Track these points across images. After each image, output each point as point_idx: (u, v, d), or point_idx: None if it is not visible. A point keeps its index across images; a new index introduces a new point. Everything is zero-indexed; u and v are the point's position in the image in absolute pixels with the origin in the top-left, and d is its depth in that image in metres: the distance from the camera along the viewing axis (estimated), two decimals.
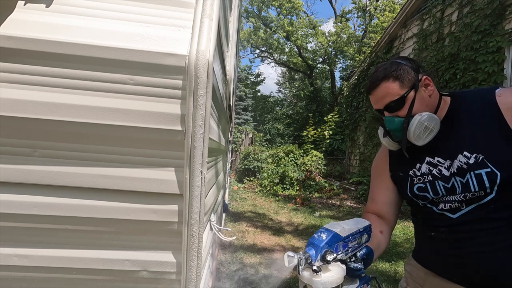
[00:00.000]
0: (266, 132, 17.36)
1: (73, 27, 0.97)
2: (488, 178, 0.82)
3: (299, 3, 17.62)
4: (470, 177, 0.85)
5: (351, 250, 0.80)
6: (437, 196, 0.93)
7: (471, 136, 0.87)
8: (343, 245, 0.77)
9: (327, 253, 0.71)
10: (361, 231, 0.83)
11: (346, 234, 0.77)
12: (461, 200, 0.88)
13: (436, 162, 0.93)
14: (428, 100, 0.92)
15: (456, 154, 0.88)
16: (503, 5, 4.66)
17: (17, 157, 0.99)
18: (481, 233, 0.85)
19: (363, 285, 0.83)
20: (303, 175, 8.73)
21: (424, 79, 0.92)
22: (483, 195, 0.84)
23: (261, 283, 2.89)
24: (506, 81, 4.62)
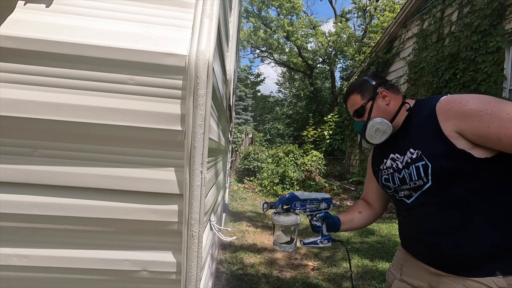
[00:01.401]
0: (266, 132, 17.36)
1: (74, 27, 0.97)
2: (423, 169, 1.01)
3: (299, 3, 17.62)
4: (412, 169, 1.04)
5: (309, 210, 1.22)
6: (395, 186, 1.13)
7: (415, 135, 1.06)
8: (300, 204, 1.20)
9: (285, 205, 1.18)
10: (319, 199, 1.23)
11: (303, 197, 1.20)
12: (410, 188, 1.07)
13: (395, 157, 1.12)
14: (385, 108, 1.12)
15: (406, 151, 1.07)
16: (503, 5, 4.66)
17: (17, 157, 0.99)
18: (425, 215, 1.04)
19: (324, 240, 1.22)
20: (303, 175, 8.73)
21: (381, 91, 1.13)
22: (422, 184, 1.02)
23: (261, 283, 2.89)
24: (506, 81, 4.62)
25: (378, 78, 1.18)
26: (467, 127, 0.93)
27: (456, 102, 0.97)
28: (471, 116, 0.92)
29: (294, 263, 3.47)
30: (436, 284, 1.03)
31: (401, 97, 1.15)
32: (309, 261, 3.53)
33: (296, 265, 3.40)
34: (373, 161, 1.28)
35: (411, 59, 6.93)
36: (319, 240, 1.22)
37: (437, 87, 5.83)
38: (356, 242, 4.19)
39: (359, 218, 1.29)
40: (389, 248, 3.93)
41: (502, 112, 0.89)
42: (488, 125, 0.90)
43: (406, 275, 1.15)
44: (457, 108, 0.95)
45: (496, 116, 0.89)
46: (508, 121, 0.88)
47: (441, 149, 0.97)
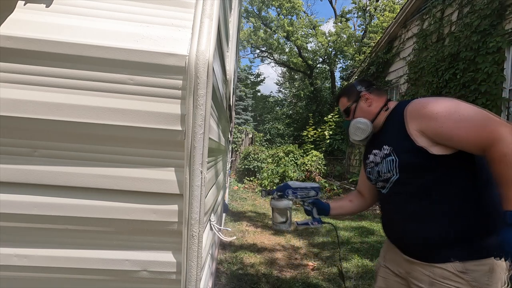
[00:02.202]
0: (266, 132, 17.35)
1: (74, 27, 0.97)
2: (392, 163, 1.15)
3: (299, 3, 17.60)
4: (384, 163, 1.18)
5: (300, 197, 1.44)
6: (375, 178, 1.27)
7: (389, 133, 1.20)
8: (292, 192, 1.42)
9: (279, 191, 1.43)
10: (308, 188, 1.46)
11: (295, 186, 1.43)
12: (383, 180, 1.21)
13: (376, 153, 1.25)
14: (367, 109, 1.27)
15: (381, 147, 1.21)
16: (503, 5, 4.66)
17: (17, 157, 0.99)
18: (394, 205, 1.20)
19: (314, 222, 1.44)
20: (303, 175, 8.73)
21: (364, 94, 1.28)
22: (390, 176, 1.17)
23: (260, 283, 2.89)
24: (506, 82, 4.62)
25: (364, 82, 1.32)
26: (425, 127, 1.06)
27: (419, 105, 1.11)
28: (429, 118, 1.05)
29: (294, 263, 3.47)
30: (410, 270, 1.16)
31: (384, 99, 1.28)
32: (309, 261, 3.53)
33: (296, 265, 3.40)
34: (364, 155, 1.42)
35: (411, 59, 6.93)
36: (310, 222, 1.45)
37: (437, 87, 5.83)
38: (356, 242, 4.19)
39: (349, 205, 1.48)
40: None
41: (454, 114, 1.01)
42: (441, 125, 1.02)
43: (388, 261, 1.30)
44: (419, 111, 1.10)
45: (449, 117, 1.02)
46: (458, 122, 1.00)
47: (405, 146, 1.11)
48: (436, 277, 1.06)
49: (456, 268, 1.03)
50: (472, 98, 5.00)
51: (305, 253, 3.77)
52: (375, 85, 1.33)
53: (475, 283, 1.02)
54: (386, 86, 8.16)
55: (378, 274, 1.34)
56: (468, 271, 1.02)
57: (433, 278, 1.07)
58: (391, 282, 1.27)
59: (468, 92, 5.09)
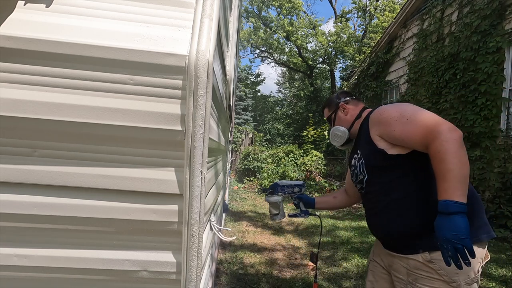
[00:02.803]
0: (266, 132, 17.35)
1: (74, 27, 0.96)
2: (361, 166, 1.29)
3: (299, 3, 17.61)
4: (359, 166, 1.31)
5: (288, 192, 1.68)
6: (355, 180, 1.39)
7: (361, 139, 1.32)
8: (280, 189, 1.67)
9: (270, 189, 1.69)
10: (293, 185, 1.70)
11: (282, 184, 1.68)
12: (359, 181, 1.34)
13: (355, 157, 1.36)
14: (344, 118, 1.43)
15: (357, 151, 1.34)
16: (503, 5, 4.66)
17: (17, 157, 0.99)
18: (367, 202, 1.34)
19: (302, 214, 1.69)
20: (303, 175, 8.73)
21: (341, 105, 1.44)
22: (362, 177, 1.30)
23: (260, 283, 2.89)
24: (505, 82, 4.62)
25: (343, 94, 1.48)
26: (382, 131, 1.19)
27: (378, 112, 1.23)
28: (384, 123, 1.18)
29: (294, 263, 3.47)
30: (391, 263, 1.27)
31: (360, 108, 1.42)
32: (309, 261, 3.52)
33: (296, 265, 3.40)
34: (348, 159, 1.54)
35: (411, 59, 6.93)
36: (298, 213, 1.69)
37: (437, 87, 5.83)
38: (356, 242, 4.19)
39: (332, 201, 1.69)
40: None
41: (403, 118, 1.12)
42: (394, 129, 1.14)
43: (376, 255, 1.41)
44: (377, 117, 1.22)
45: (399, 121, 1.13)
46: (406, 124, 1.10)
47: (368, 149, 1.25)
48: (411, 268, 1.16)
49: (424, 258, 1.12)
50: (472, 98, 5.01)
51: (305, 253, 3.77)
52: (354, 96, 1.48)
53: (442, 271, 1.09)
54: (386, 86, 8.16)
55: (369, 268, 1.46)
56: (435, 261, 1.10)
57: (409, 269, 1.17)
58: (379, 275, 1.38)
59: (468, 92, 5.09)
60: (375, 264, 1.40)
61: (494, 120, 4.73)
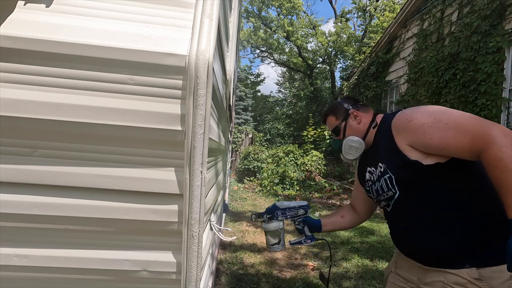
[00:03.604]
0: (266, 132, 17.34)
1: (73, 27, 0.96)
2: (389, 181, 1.12)
3: (299, 3, 17.60)
4: (382, 182, 1.15)
5: (290, 216, 1.43)
6: (375, 197, 1.24)
7: (380, 150, 1.17)
8: (281, 213, 1.41)
9: (268, 214, 1.41)
10: (297, 207, 1.44)
11: (283, 207, 1.42)
12: (385, 199, 1.18)
13: (372, 171, 1.23)
14: (357, 127, 1.25)
15: (376, 165, 1.19)
16: (503, 5, 4.66)
17: (17, 157, 0.99)
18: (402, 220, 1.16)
19: (307, 240, 1.42)
20: (303, 175, 8.73)
21: (352, 112, 1.26)
22: (392, 194, 1.13)
23: (260, 283, 2.89)
24: (505, 82, 4.62)
25: (350, 100, 1.31)
26: (414, 140, 1.04)
27: (404, 118, 1.08)
28: (416, 130, 1.03)
29: (294, 263, 3.47)
30: (424, 278, 1.12)
31: (371, 115, 1.26)
32: (309, 261, 3.53)
33: (296, 265, 3.40)
34: (358, 173, 1.39)
35: (411, 59, 6.93)
36: (303, 240, 1.43)
37: (437, 87, 5.83)
38: (356, 242, 4.19)
39: (340, 221, 1.45)
40: (389, 248, 3.93)
41: (440, 123, 0.99)
42: (430, 136, 1.00)
43: (399, 268, 1.26)
44: (404, 124, 1.07)
45: (436, 127, 0.99)
46: (445, 131, 0.97)
47: (397, 161, 1.08)
48: (449, 283, 1.02)
49: (471, 274, 0.98)
50: (472, 98, 5.01)
51: (305, 253, 3.77)
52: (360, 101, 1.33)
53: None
54: (386, 86, 8.16)
55: (388, 280, 1.31)
56: (484, 278, 0.96)
57: (446, 283, 1.02)
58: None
59: (468, 92, 5.09)
60: (397, 277, 1.25)
61: (494, 120, 4.73)
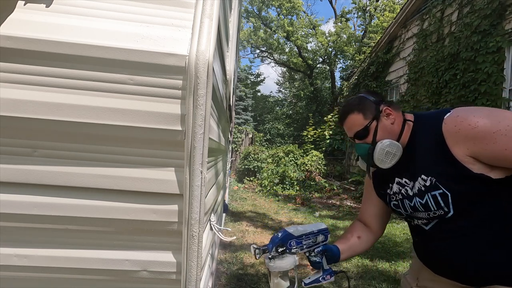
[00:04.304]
0: (266, 132, 17.36)
1: (73, 27, 0.96)
2: (442, 198, 0.93)
3: (299, 3, 17.61)
4: (428, 198, 0.96)
5: (306, 246, 1.06)
6: (407, 213, 1.06)
7: (425, 160, 0.97)
8: (296, 242, 1.03)
9: (279, 246, 1.01)
10: (315, 232, 1.07)
11: (299, 234, 1.04)
12: (427, 217, 1.00)
13: (404, 183, 1.04)
14: (391, 127, 1.02)
15: (416, 177, 0.99)
16: (503, 5, 4.66)
17: (17, 157, 0.99)
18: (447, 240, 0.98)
19: (326, 275, 1.09)
20: (303, 175, 8.73)
21: (385, 109, 1.03)
22: (443, 213, 0.95)
23: (260, 283, 2.89)
24: (506, 82, 4.62)
25: (376, 94, 1.08)
26: (481, 150, 0.86)
27: (464, 123, 0.88)
28: (484, 139, 0.85)
29: None
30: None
31: (401, 114, 1.05)
32: None
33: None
34: (374, 183, 1.18)
35: (411, 59, 6.93)
36: (321, 277, 1.09)
37: (437, 87, 5.83)
38: None
39: (358, 244, 1.18)
40: (389, 248, 3.93)
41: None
42: (505, 147, 0.83)
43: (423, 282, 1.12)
44: (466, 131, 0.88)
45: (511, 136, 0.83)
46: None
47: (457, 176, 0.90)
48: None
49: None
50: (472, 98, 5.01)
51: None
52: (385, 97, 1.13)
53: None
54: (386, 86, 8.16)
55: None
56: None
57: None
58: None
59: (468, 92, 5.09)
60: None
61: None
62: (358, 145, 1.07)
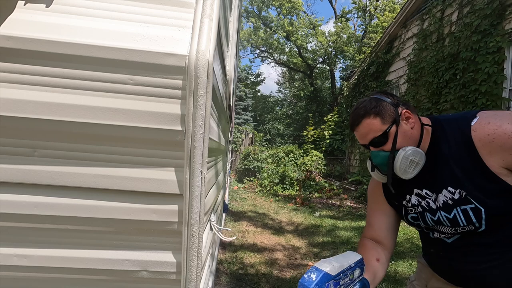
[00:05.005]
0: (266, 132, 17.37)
1: (73, 27, 0.97)
2: (474, 213, 0.85)
3: (299, 3, 17.61)
4: (457, 213, 0.88)
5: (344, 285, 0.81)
6: (428, 226, 0.98)
7: (452, 171, 0.89)
8: (334, 284, 0.77)
9: None
10: (353, 266, 0.84)
11: (336, 271, 0.79)
12: (453, 232, 0.92)
13: (424, 194, 0.96)
14: (411, 133, 0.92)
15: (440, 189, 0.92)
16: (503, 5, 4.66)
17: (17, 157, 0.99)
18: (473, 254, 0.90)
19: None
20: (303, 175, 8.73)
21: (404, 112, 0.93)
22: (473, 229, 0.88)
23: (261, 283, 2.89)
24: (506, 82, 4.62)
25: (391, 96, 0.96)
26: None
27: (500, 133, 0.81)
28: None
29: (294, 263, 3.47)
30: None
31: (418, 117, 0.96)
32: (309, 261, 3.53)
33: (296, 265, 3.40)
34: (386, 194, 1.08)
35: (411, 59, 6.93)
36: None
37: (437, 87, 5.83)
38: (356, 242, 4.19)
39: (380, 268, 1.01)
40: None
41: None
42: None
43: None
44: (503, 141, 0.80)
45: None
46: None
47: (492, 189, 0.83)
48: None
49: None
50: (472, 98, 5.01)
51: (305, 253, 3.77)
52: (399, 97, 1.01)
53: None
54: (386, 86, 8.16)
55: None
56: None
57: None
58: None
59: (468, 92, 5.09)
60: None
61: None
62: (375, 154, 0.95)
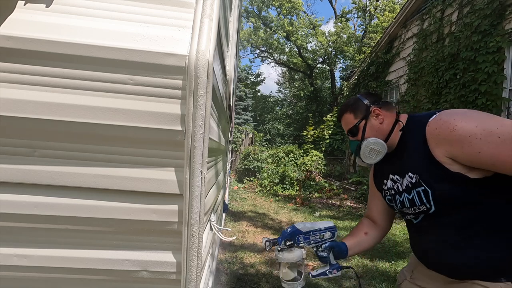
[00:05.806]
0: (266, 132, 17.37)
1: (73, 27, 0.96)
2: (425, 195, 1.00)
3: (299, 3, 17.61)
4: (414, 194, 1.03)
5: (314, 242, 1.17)
6: (398, 208, 1.14)
7: (413, 159, 1.03)
8: (304, 238, 1.15)
9: (288, 240, 1.14)
10: (322, 229, 1.18)
11: (306, 230, 1.15)
12: (414, 212, 1.07)
13: (395, 179, 1.12)
14: (379, 127, 1.10)
15: (404, 174, 1.06)
16: (503, 5, 4.66)
17: (17, 157, 0.99)
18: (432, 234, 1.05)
19: (333, 269, 1.18)
20: (303, 175, 8.73)
21: (374, 110, 1.11)
22: (425, 209, 1.02)
23: (261, 283, 2.89)
24: (506, 81, 4.62)
25: (371, 96, 1.16)
26: (458, 153, 0.91)
27: (444, 126, 0.94)
28: (460, 142, 0.89)
29: None
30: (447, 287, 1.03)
31: (394, 114, 1.12)
32: (309, 261, 3.52)
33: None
34: (375, 179, 1.26)
35: (411, 59, 6.93)
36: (328, 270, 1.19)
37: (437, 87, 5.83)
38: None
39: (366, 240, 1.25)
40: (389, 248, 3.93)
41: (492, 136, 0.85)
42: (478, 150, 0.87)
43: (417, 278, 1.16)
44: (445, 134, 0.93)
45: (486, 140, 0.86)
46: (499, 145, 0.84)
47: (436, 174, 0.96)
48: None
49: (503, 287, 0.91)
50: (472, 98, 5.01)
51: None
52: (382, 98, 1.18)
53: None
54: (386, 86, 8.16)
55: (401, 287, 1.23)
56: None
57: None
58: None
59: (468, 92, 5.09)
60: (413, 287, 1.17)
61: None
62: (351, 142, 1.18)
